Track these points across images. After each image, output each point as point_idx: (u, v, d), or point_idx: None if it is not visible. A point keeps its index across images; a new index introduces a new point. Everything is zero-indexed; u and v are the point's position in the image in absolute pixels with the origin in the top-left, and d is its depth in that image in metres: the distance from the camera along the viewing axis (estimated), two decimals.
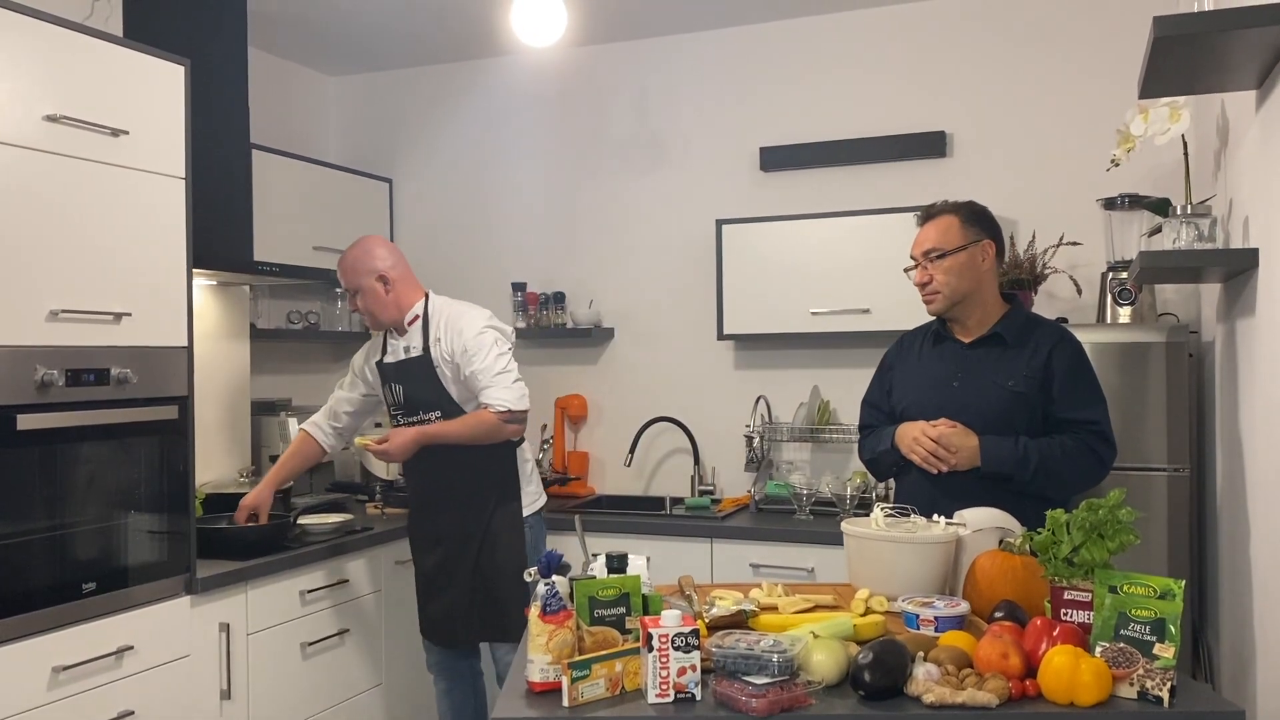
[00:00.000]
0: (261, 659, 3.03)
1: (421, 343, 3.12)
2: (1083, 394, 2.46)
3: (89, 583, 2.51)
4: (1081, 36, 3.66)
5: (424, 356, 3.10)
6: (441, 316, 3.13)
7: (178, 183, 2.78)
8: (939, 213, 2.58)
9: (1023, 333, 2.52)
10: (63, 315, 2.45)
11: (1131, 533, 1.89)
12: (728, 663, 1.68)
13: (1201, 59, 2.01)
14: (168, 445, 2.75)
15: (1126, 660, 1.67)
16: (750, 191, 4.09)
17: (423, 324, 3.14)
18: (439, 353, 3.08)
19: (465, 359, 3.03)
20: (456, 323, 3.09)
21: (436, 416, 3.09)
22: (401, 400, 3.16)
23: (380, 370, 3.23)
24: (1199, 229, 2.40)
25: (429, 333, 3.11)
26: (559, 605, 1.79)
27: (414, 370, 3.12)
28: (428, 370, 3.09)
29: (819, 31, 4.01)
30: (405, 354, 3.15)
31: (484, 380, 3.01)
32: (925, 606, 1.95)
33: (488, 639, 3.20)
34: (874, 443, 2.65)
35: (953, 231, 2.53)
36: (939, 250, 2.52)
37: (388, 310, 3.14)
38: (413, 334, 3.15)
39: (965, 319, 2.56)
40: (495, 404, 2.99)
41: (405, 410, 3.16)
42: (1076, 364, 2.49)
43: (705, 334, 4.07)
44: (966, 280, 2.52)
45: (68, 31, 2.50)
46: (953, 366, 2.53)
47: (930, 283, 2.53)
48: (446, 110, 4.58)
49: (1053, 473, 2.39)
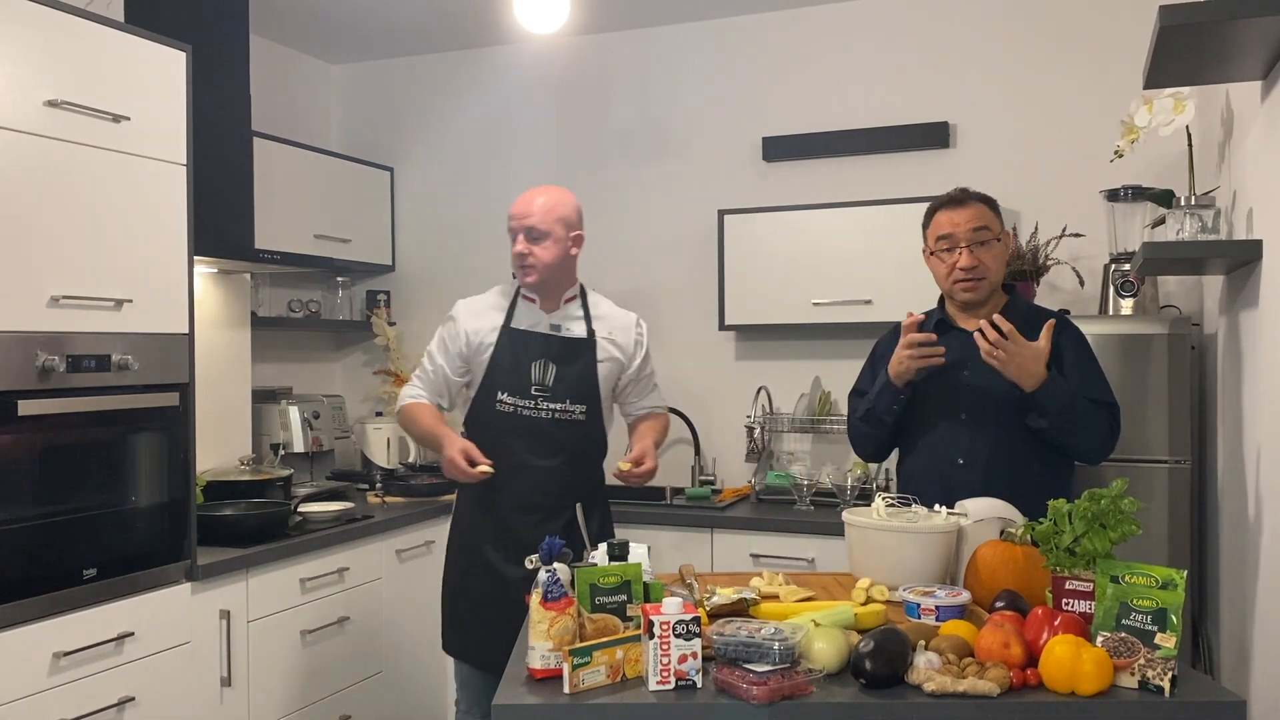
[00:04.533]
0: (262, 646, 3.03)
1: (585, 327, 2.81)
2: (1095, 378, 2.46)
3: (90, 569, 2.51)
4: (1085, 27, 3.64)
5: (589, 341, 2.79)
6: (604, 305, 2.88)
7: (179, 169, 2.78)
8: (973, 199, 2.51)
9: (1025, 322, 2.51)
10: (64, 301, 2.44)
11: (1133, 523, 1.88)
12: (729, 650, 1.68)
13: (1207, 49, 2.00)
14: (168, 432, 2.75)
15: (1128, 650, 1.67)
16: (752, 182, 4.08)
17: (583, 307, 2.84)
18: (608, 347, 2.81)
19: (644, 361, 2.89)
20: (628, 320, 2.89)
21: (582, 411, 2.76)
22: (549, 383, 2.73)
23: (521, 339, 2.77)
24: (1202, 220, 2.40)
25: (590, 319, 2.82)
26: (560, 592, 1.79)
27: (578, 353, 2.77)
28: (592, 358, 2.78)
29: (822, 21, 3.99)
30: (562, 331, 2.79)
31: (652, 383, 2.96)
32: (926, 596, 1.95)
33: None
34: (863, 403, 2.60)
35: (993, 218, 2.49)
36: (993, 233, 2.46)
37: (560, 274, 2.78)
38: (569, 313, 2.82)
39: (978, 309, 2.53)
40: (664, 406, 3.01)
41: (551, 395, 2.73)
42: (1083, 351, 2.49)
43: (707, 324, 4.06)
44: (1003, 268, 2.52)
45: (69, 16, 2.49)
46: (960, 355, 2.50)
47: (978, 266, 2.45)
48: (449, 99, 4.57)
49: (1082, 424, 2.36)
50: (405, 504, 3.77)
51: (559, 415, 2.74)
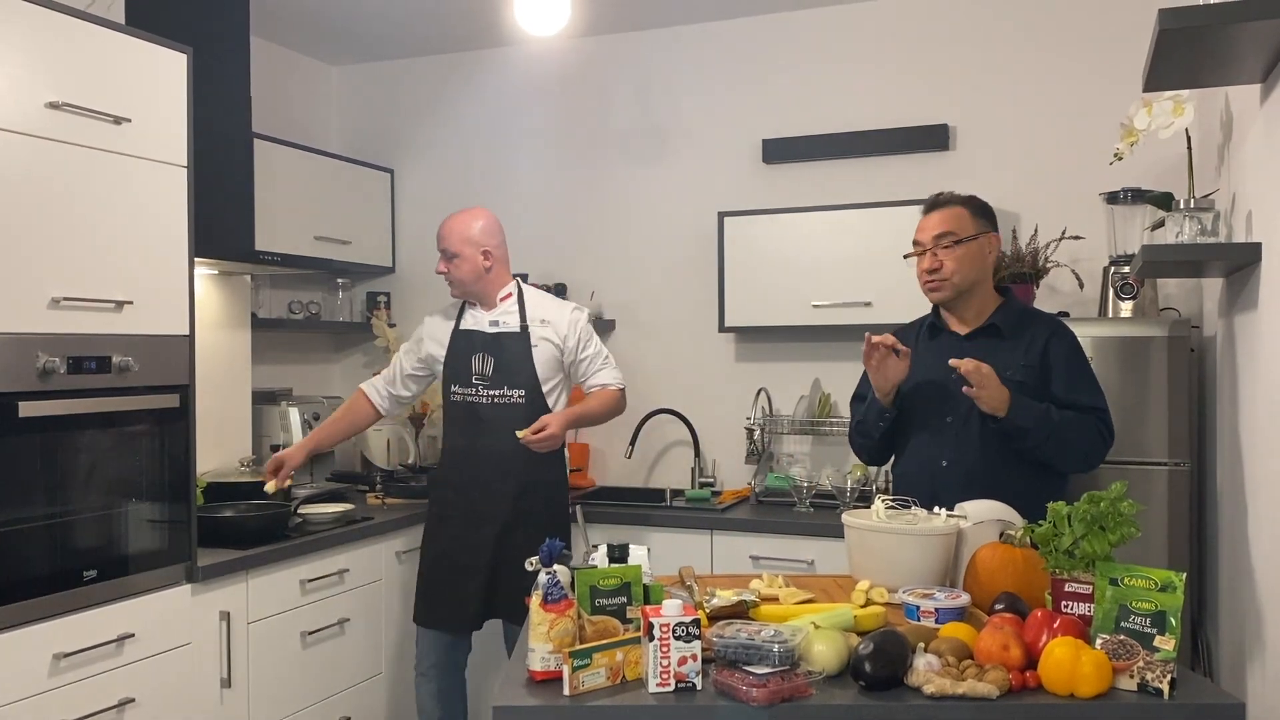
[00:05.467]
0: (262, 648, 3.03)
1: (518, 320, 3.22)
2: (1084, 382, 2.50)
3: (90, 570, 2.51)
4: (1085, 30, 3.65)
5: (522, 334, 3.20)
6: (539, 300, 3.31)
7: (179, 171, 2.78)
8: (946, 202, 2.59)
9: (1019, 324, 2.54)
10: (64, 303, 2.44)
11: (1133, 525, 1.89)
12: (728, 652, 1.69)
13: (1206, 52, 2.00)
14: (169, 434, 2.75)
15: (1127, 652, 1.67)
16: (752, 184, 4.09)
17: (518, 303, 3.25)
18: (542, 333, 3.21)
19: (581, 345, 3.25)
20: (563, 310, 3.29)
21: (520, 395, 3.17)
22: (489, 372, 3.19)
23: (465, 339, 3.24)
24: (1202, 223, 2.40)
25: (525, 313, 3.23)
26: (560, 594, 1.79)
27: (511, 345, 3.20)
28: (525, 347, 3.20)
29: (822, 24, 4.00)
30: (498, 327, 3.22)
31: (598, 363, 3.29)
32: (926, 598, 1.96)
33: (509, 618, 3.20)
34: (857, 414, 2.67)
35: (964, 220, 2.54)
36: (954, 235, 2.52)
37: (481, 283, 3.22)
38: (505, 310, 3.25)
39: (964, 311, 2.57)
40: (614, 382, 3.30)
41: (491, 383, 3.18)
42: (1074, 354, 2.52)
43: (706, 326, 4.06)
44: (974, 270, 2.54)
45: (70, 18, 2.49)
46: (950, 358, 2.52)
47: (940, 269, 2.52)
48: (449, 100, 4.57)
49: (1065, 440, 2.41)
50: (405, 505, 3.76)
51: (498, 399, 3.17)
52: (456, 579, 3.18)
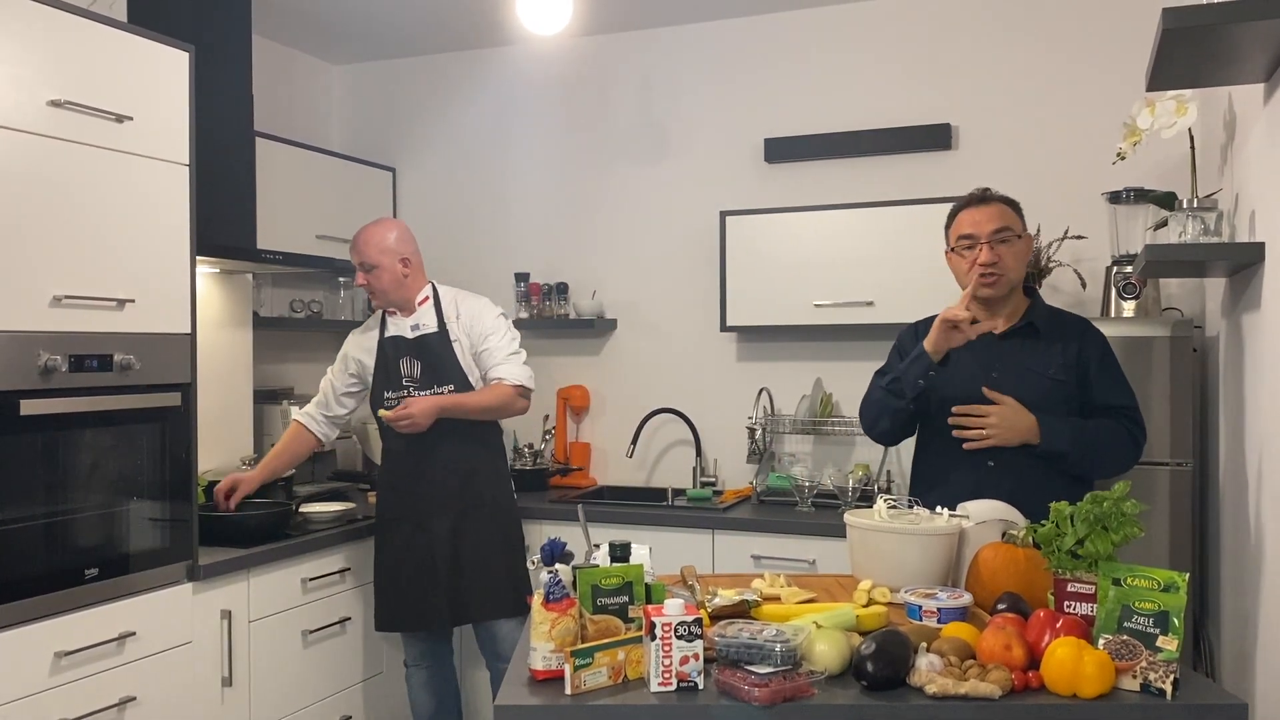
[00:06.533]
0: (263, 646, 3.03)
1: (435, 321, 3.25)
2: (1117, 381, 2.50)
3: (91, 568, 2.51)
4: (1088, 29, 3.64)
5: (441, 333, 3.24)
6: (453, 298, 3.31)
7: (181, 169, 2.78)
8: (996, 198, 2.54)
9: (1051, 324, 2.52)
10: (66, 301, 2.44)
11: (1135, 525, 1.88)
12: (730, 652, 1.68)
13: (1210, 51, 2.00)
14: (170, 432, 2.75)
15: (1130, 652, 1.67)
16: (754, 183, 4.08)
17: (434, 305, 3.28)
18: (457, 329, 3.24)
19: (481, 337, 3.23)
20: (472, 304, 3.30)
21: (451, 389, 3.21)
22: (418, 374, 3.24)
23: (391, 345, 3.27)
24: (1205, 223, 2.40)
25: (442, 312, 3.27)
26: (562, 593, 1.79)
27: (433, 345, 3.24)
28: (446, 345, 3.23)
29: (824, 23, 3.99)
30: (419, 330, 3.25)
31: (499, 357, 3.23)
32: (928, 598, 1.95)
33: (481, 617, 3.24)
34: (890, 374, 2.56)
35: (1015, 217, 2.52)
36: (1012, 230, 2.49)
37: (401, 290, 3.25)
38: (423, 314, 3.28)
39: (1001, 309, 2.54)
40: (510, 378, 3.22)
41: (420, 384, 3.24)
42: (1107, 353, 2.52)
43: (708, 325, 4.06)
44: (1023, 267, 2.54)
45: (72, 16, 2.49)
46: (987, 357, 2.50)
47: (999, 263, 2.46)
48: (450, 99, 4.57)
49: (1101, 452, 2.42)
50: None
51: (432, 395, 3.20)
52: (414, 581, 3.21)
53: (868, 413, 2.66)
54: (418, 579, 3.20)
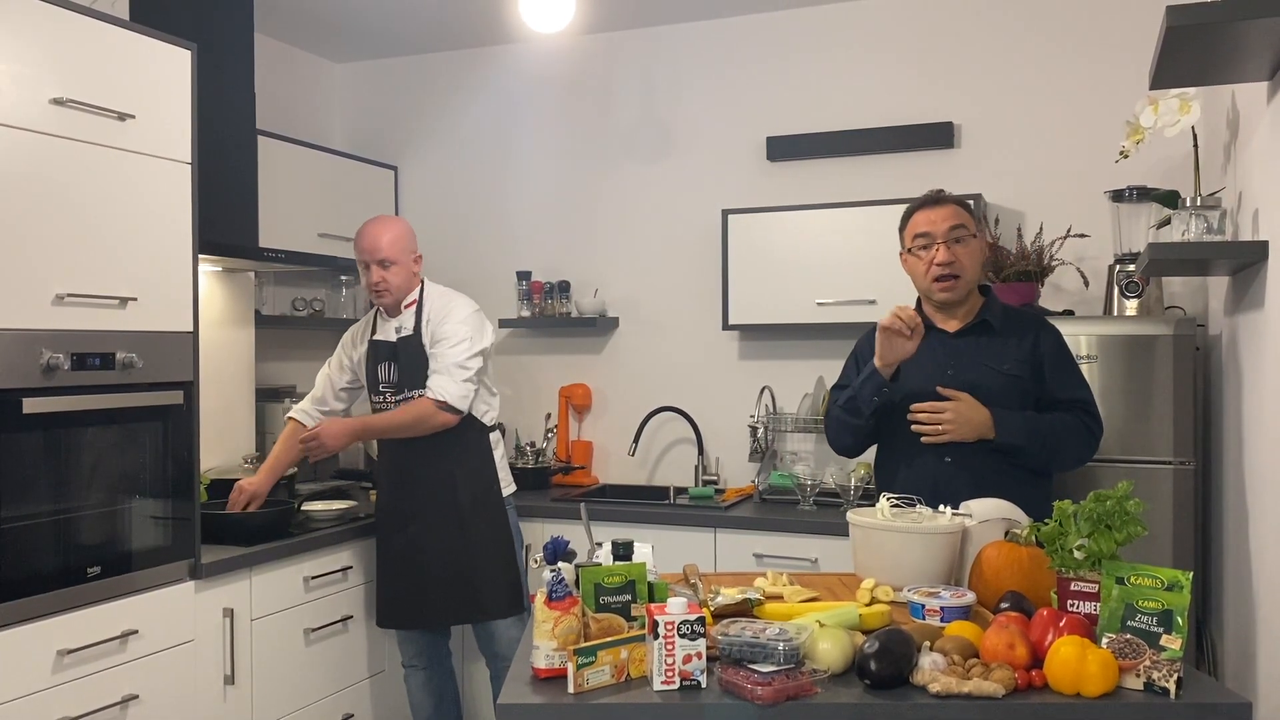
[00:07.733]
0: (265, 645, 3.03)
1: (414, 324, 3.25)
2: (1073, 375, 2.54)
3: (94, 567, 2.52)
4: (1091, 27, 3.64)
5: (415, 336, 3.23)
6: (434, 301, 3.28)
7: (184, 168, 2.78)
8: (949, 200, 2.58)
9: (1006, 320, 2.55)
10: (68, 299, 2.44)
11: (1139, 524, 1.88)
12: (733, 650, 1.68)
13: (1213, 49, 2.00)
14: (173, 430, 2.75)
15: (1133, 651, 1.67)
16: (756, 181, 4.08)
17: (417, 307, 3.27)
18: (426, 331, 3.22)
19: (435, 340, 3.18)
20: (445, 308, 3.24)
21: (421, 394, 3.17)
22: (394, 379, 3.24)
23: (374, 348, 3.28)
24: (1208, 221, 2.39)
25: (421, 315, 3.25)
26: (565, 592, 1.79)
27: (409, 348, 3.22)
28: (419, 348, 3.21)
29: (827, 21, 3.99)
30: (399, 333, 3.25)
31: (437, 364, 3.15)
32: (931, 596, 1.95)
33: (471, 618, 3.27)
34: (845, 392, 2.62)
35: (968, 217, 2.55)
36: (967, 229, 2.51)
37: (407, 289, 3.26)
38: (407, 316, 3.27)
39: (957, 308, 2.58)
40: (436, 391, 3.11)
41: (395, 389, 3.24)
42: (1061, 347, 2.56)
43: (710, 324, 4.06)
44: (979, 268, 2.57)
45: (75, 15, 2.49)
46: (943, 355, 2.54)
47: (955, 262, 2.49)
48: (453, 98, 4.57)
49: (1057, 446, 2.46)
50: None
51: (403, 401, 3.20)
52: (412, 579, 3.23)
53: (830, 430, 2.75)
54: (414, 578, 3.22)
